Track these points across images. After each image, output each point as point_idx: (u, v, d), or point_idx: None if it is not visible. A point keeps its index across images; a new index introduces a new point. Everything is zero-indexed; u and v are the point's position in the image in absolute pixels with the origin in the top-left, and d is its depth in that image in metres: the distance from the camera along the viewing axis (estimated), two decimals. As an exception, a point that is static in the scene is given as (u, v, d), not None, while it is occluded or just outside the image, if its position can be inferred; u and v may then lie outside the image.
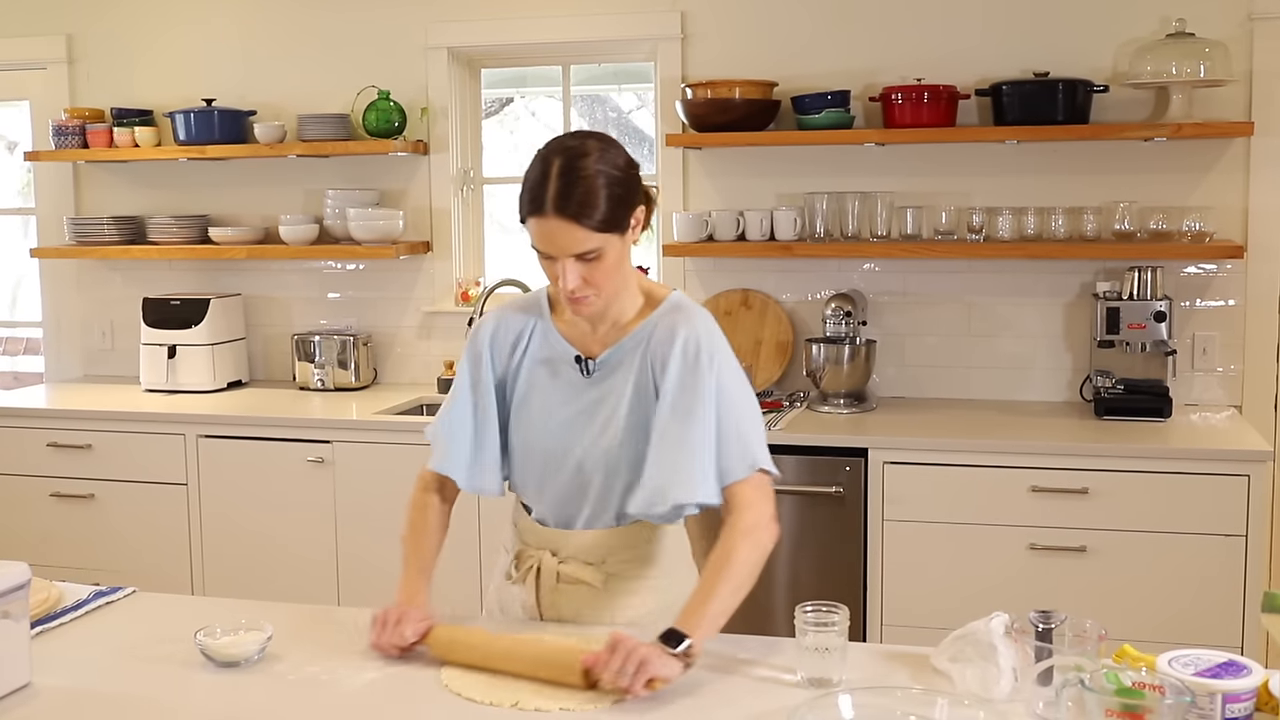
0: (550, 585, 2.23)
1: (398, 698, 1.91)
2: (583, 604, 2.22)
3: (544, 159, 2.06)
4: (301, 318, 4.80)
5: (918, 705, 1.78)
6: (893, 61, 4.13)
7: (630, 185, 2.08)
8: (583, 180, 2.02)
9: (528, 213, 2.05)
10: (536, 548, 2.26)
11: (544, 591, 2.24)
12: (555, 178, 2.02)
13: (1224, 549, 3.42)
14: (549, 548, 2.24)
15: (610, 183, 2.04)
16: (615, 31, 4.40)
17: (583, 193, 2.01)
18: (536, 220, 2.04)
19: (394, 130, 4.47)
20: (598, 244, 2.04)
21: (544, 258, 2.08)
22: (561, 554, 2.23)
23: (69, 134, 4.71)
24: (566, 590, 2.23)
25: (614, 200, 2.04)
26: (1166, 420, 3.79)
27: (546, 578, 2.23)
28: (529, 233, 2.07)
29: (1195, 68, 3.77)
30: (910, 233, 4.07)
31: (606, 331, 2.21)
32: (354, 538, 4.05)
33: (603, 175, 2.03)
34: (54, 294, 5.09)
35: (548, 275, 2.11)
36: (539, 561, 2.24)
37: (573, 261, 2.05)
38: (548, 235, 2.04)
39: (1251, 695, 1.63)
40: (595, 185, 2.02)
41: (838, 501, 3.67)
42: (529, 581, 2.26)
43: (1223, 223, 3.93)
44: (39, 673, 1.95)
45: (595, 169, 2.03)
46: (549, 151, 2.07)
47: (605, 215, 2.03)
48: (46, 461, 4.32)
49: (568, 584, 2.22)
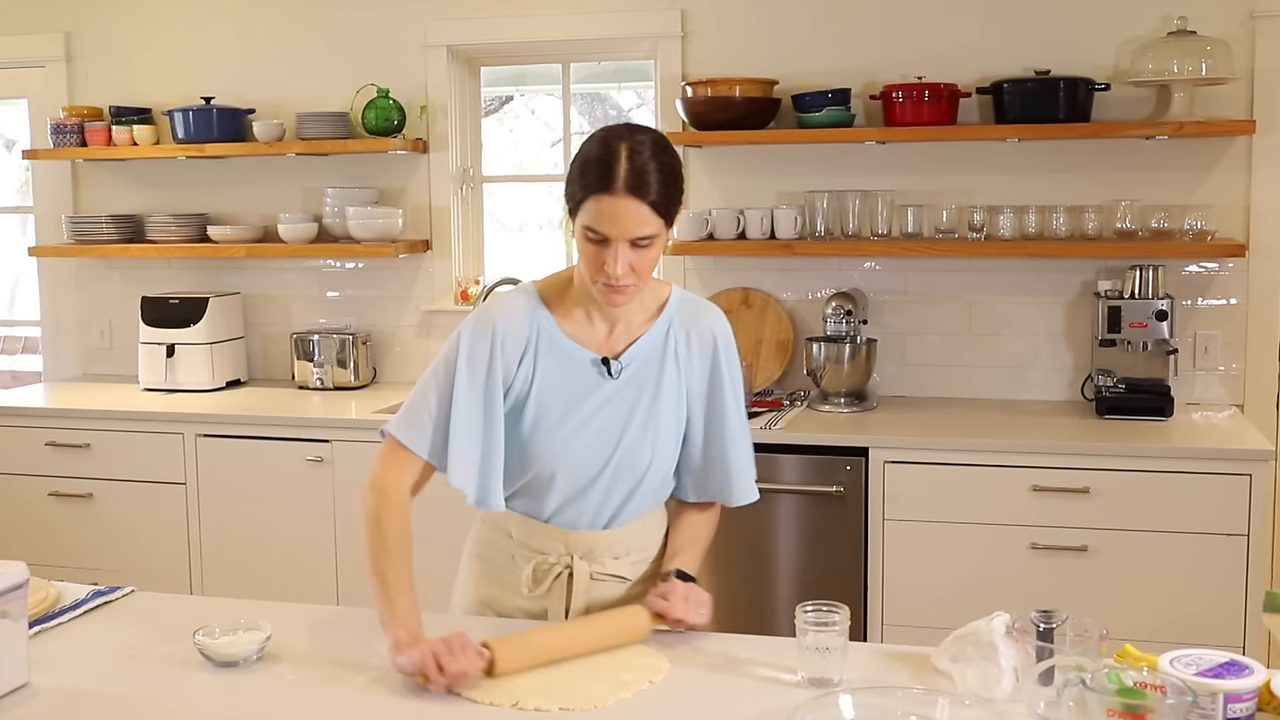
0: (584, 588, 2.20)
1: (397, 698, 1.90)
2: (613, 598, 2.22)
3: (605, 141, 2.02)
4: (300, 317, 4.79)
5: (918, 705, 1.77)
6: (893, 59, 4.12)
7: (682, 181, 2.09)
8: (652, 163, 2.01)
9: (595, 190, 1.99)
10: (560, 554, 2.20)
11: (576, 595, 2.19)
12: (625, 158, 1.99)
13: (1226, 548, 3.41)
14: (576, 551, 2.20)
15: (673, 173, 2.05)
16: (615, 29, 4.39)
17: (654, 175, 2.00)
18: (603, 198, 1.99)
19: (393, 128, 4.46)
20: (655, 230, 2.02)
21: (593, 242, 2.02)
22: (591, 555, 2.21)
23: (67, 132, 4.70)
24: (598, 589, 2.22)
25: (675, 190, 2.05)
26: (1168, 419, 3.78)
27: (580, 581, 2.19)
28: (584, 213, 2.02)
29: (1197, 66, 3.76)
30: (911, 231, 4.06)
31: (621, 331, 2.18)
32: (353, 537, 4.03)
33: (667, 164, 2.04)
34: (52, 293, 5.08)
35: (589, 262, 2.05)
36: (567, 567, 2.20)
37: (626, 247, 2.01)
38: (612, 214, 1.99)
39: (1253, 695, 1.63)
40: (663, 171, 2.02)
41: (838, 501, 3.66)
42: (555, 589, 2.20)
43: (1224, 221, 3.93)
44: (37, 673, 1.94)
45: (661, 157, 2.03)
46: (611, 135, 2.04)
47: (668, 202, 2.03)
48: (45, 461, 4.31)
49: (599, 582, 2.21)
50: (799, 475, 3.68)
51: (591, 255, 2.04)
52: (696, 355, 2.21)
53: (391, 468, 2.13)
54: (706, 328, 2.23)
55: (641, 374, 2.17)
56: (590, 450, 2.15)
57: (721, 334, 2.24)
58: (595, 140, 2.05)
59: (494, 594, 2.27)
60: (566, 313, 2.18)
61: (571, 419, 2.15)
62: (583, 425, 2.15)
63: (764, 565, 3.75)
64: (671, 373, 2.19)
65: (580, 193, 2.02)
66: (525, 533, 2.23)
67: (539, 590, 2.20)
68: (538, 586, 2.20)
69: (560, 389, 2.15)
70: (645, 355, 2.18)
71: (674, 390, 2.19)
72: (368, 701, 1.88)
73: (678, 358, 2.19)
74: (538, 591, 2.20)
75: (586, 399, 2.15)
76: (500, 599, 2.27)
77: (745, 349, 4.24)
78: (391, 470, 2.13)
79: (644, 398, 2.17)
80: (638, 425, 2.16)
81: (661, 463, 2.21)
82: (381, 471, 2.13)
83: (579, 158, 2.05)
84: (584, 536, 2.20)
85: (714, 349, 2.23)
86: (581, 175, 2.02)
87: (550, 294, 2.19)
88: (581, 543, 2.20)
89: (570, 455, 2.15)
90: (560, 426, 2.15)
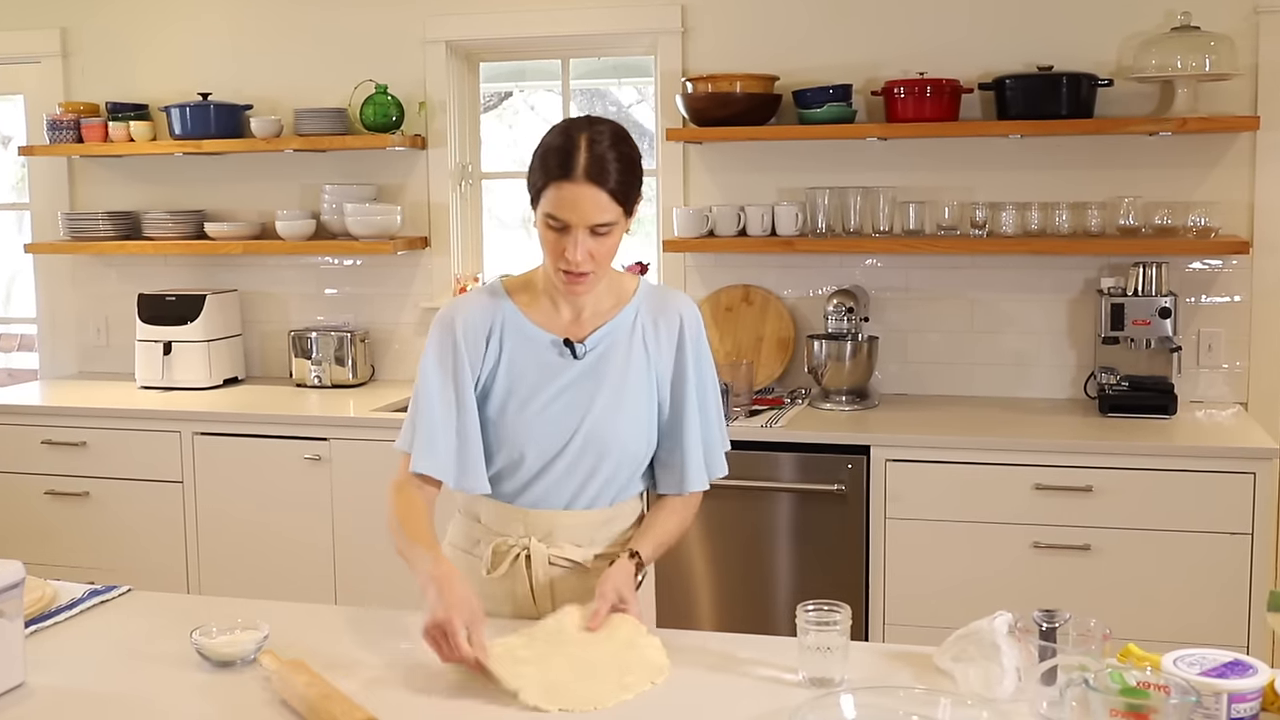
0: (543, 571, 2.23)
1: (395, 697, 1.89)
2: (575, 585, 2.23)
3: (566, 132, 2.10)
4: (298, 314, 4.77)
5: (920, 705, 1.77)
6: (895, 55, 4.11)
7: (641, 171, 2.16)
8: (611, 151, 2.08)
9: (555, 177, 2.07)
10: (520, 536, 2.24)
11: (537, 580, 2.23)
12: (585, 147, 2.06)
13: (1229, 547, 3.40)
14: (535, 534, 2.23)
15: (632, 162, 2.12)
16: (615, 25, 4.38)
17: (613, 164, 2.07)
18: (563, 185, 2.06)
19: (392, 125, 4.45)
20: (614, 217, 2.09)
21: (554, 229, 2.09)
22: (551, 538, 2.23)
23: (63, 128, 4.68)
24: (556, 574, 2.24)
25: (634, 179, 2.13)
26: (1171, 417, 3.77)
27: (539, 564, 2.23)
28: (544, 201, 2.09)
29: (1201, 61, 3.74)
30: (913, 228, 4.04)
31: (587, 318, 2.24)
32: (351, 536, 4.03)
33: (626, 153, 2.11)
34: (48, 290, 5.06)
35: (550, 250, 2.12)
36: (525, 550, 2.23)
37: (585, 233, 2.08)
38: (572, 201, 2.06)
39: (1257, 695, 1.63)
40: (622, 160, 2.09)
41: (839, 500, 3.65)
42: (516, 572, 2.23)
43: (1228, 218, 3.91)
44: (33, 672, 1.94)
45: (620, 146, 2.10)
46: (572, 126, 2.12)
47: (627, 190, 2.10)
48: (41, 459, 4.29)
49: (557, 567, 2.24)
50: (800, 474, 3.67)
51: (552, 242, 2.11)
52: (665, 341, 2.26)
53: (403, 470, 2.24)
54: (674, 312, 2.28)
55: (608, 357, 2.22)
56: (555, 427, 2.20)
57: (689, 320, 2.28)
58: (556, 131, 2.12)
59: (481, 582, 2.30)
60: (532, 301, 2.25)
61: (538, 398, 2.20)
62: (549, 403, 2.20)
63: (764, 564, 3.74)
64: (640, 358, 2.24)
65: (541, 180, 2.09)
66: (492, 516, 2.27)
67: (497, 572, 2.23)
68: (496, 569, 2.24)
69: (526, 371, 2.21)
70: (612, 339, 2.23)
71: (643, 375, 2.24)
72: (366, 701, 1.86)
73: (645, 344, 2.25)
74: (496, 574, 2.23)
75: (552, 380, 2.21)
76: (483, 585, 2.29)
77: (746, 346, 4.24)
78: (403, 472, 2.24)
79: (610, 379, 2.21)
80: (603, 405, 2.20)
81: (631, 445, 2.23)
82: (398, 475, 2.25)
83: (540, 148, 2.12)
84: (545, 516, 2.23)
85: (680, 334, 2.27)
86: (542, 164, 2.10)
87: (515, 287, 2.27)
88: (542, 523, 2.23)
89: (535, 433, 2.20)
90: (526, 406, 2.20)
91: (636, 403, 2.23)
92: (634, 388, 2.23)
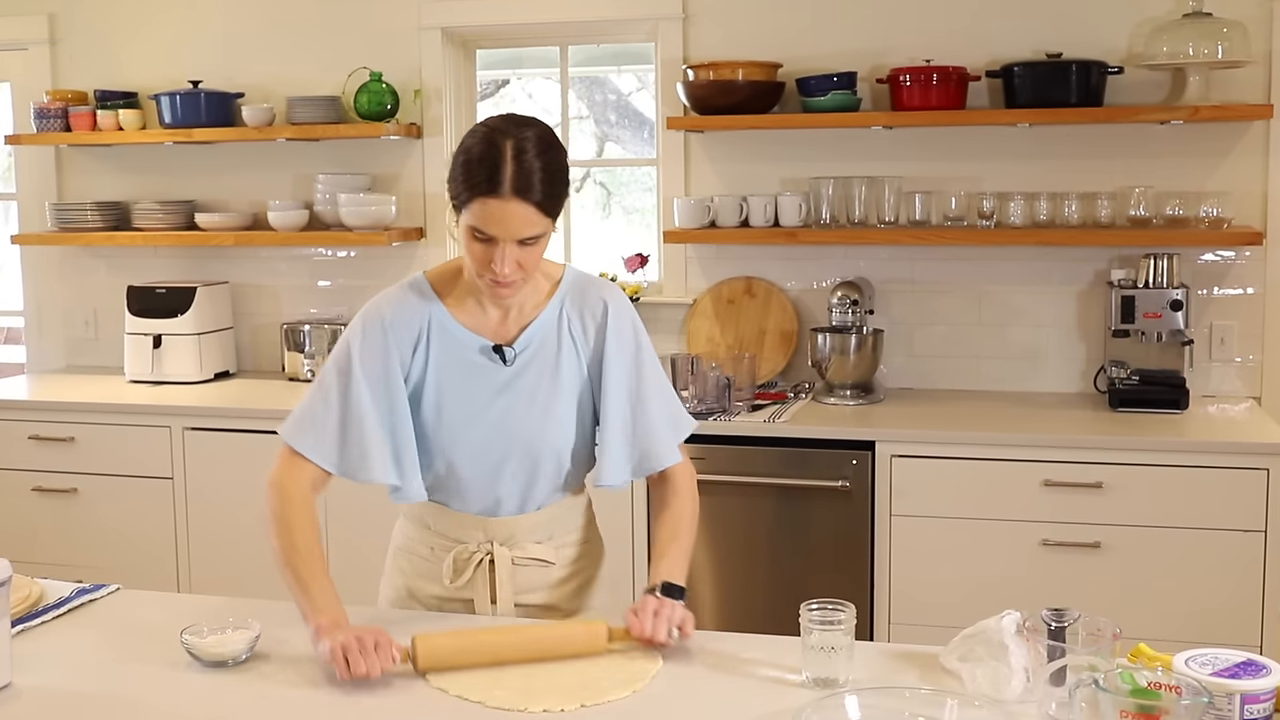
0: (507, 574, 2.22)
1: (388, 697, 1.89)
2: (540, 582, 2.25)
3: (489, 139, 2.02)
4: (291, 306, 4.73)
5: (926, 706, 1.77)
6: (900, 42, 4.07)
7: (568, 176, 2.11)
8: (538, 162, 2.01)
9: (481, 192, 1.99)
10: (480, 541, 2.22)
11: (501, 583, 2.22)
12: (511, 159, 1.99)
13: (1242, 545, 3.38)
14: (496, 538, 2.22)
15: (559, 170, 2.06)
16: (614, 11, 4.33)
17: (539, 176, 2.01)
18: (489, 201, 1.99)
19: (386, 113, 4.40)
20: (542, 229, 2.05)
21: (478, 241, 2.03)
22: (511, 540, 2.23)
23: (51, 117, 4.64)
24: (522, 574, 2.24)
25: (562, 188, 2.07)
26: (1183, 412, 3.74)
27: (502, 567, 2.21)
28: (469, 214, 2.02)
29: (1213, 48, 3.71)
30: (919, 219, 4.01)
31: (515, 317, 2.20)
32: (343, 534, 3.97)
33: (552, 162, 2.04)
34: (35, 282, 5.02)
35: (476, 260, 2.06)
36: (488, 554, 2.22)
37: (513, 246, 2.03)
38: (500, 217, 2.00)
39: (1271, 696, 1.62)
40: (549, 170, 2.03)
41: (844, 496, 3.62)
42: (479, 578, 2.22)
43: (1241, 208, 3.88)
44: (20, 673, 1.92)
45: (547, 155, 2.03)
46: (494, 132, 2.03)
47: (554, 201, 2.05)
48: (28, 455, 4.26)
49: (523, 567, 2.23)
50: (803, 469, 3.64)
51: (479, 254, 2.05)
52: (592, 332, 2.22)
53: (290, 469, 2.18)
54: (597, 300, 2.22)
55: (539, 358, 2.19)
56: (492, 438, 2.17)
57: (614, 306, 2.22)
58: (479, 137, 2.04)
59: (417, 586, 2.30)
60: (458, 302, 2.20)
61: (470, 407, 2.17)
62: (482, 412, 2.17)
63: (767, 562, 3.72)
64: (569, 353, 2.21)
65: (466, 193, 2.02)
66: (442, 523, 2.25)
67: (460, 580, 2.22)
68: (459, 577, 2.22)
69: (456, 379, 2.17)
70: (540, 339, 2.20)
71: (574, 370, 2.21)
72: (358, 701, 1.87)
73: (573, 337, 2.21)
74: (459, 582, 2.22)
75: (484, 388, 2.17)
76: (422, 591, 2.29)
77: (749, 339, 4.22)
78: (290, 471, 2.18)
79: (543, 381, 2.19)
80: (540, 409, 2.18)
81: (567, 447, 2.21)
82: (280, 472, 2.18)
83: (462, 154, 2.05)
84: (503, 523, 2.22)
85: (603, 323, 2.21)
86: (466, 175, 2.02)
87: (441, 284, 2.22)
88: (501, 530, 2.22)
89: (472, 445, 2.17)
90: (459, 416, 2.17)
91: (569, 403, 2.20)
92: (565, 387, 2.19)
